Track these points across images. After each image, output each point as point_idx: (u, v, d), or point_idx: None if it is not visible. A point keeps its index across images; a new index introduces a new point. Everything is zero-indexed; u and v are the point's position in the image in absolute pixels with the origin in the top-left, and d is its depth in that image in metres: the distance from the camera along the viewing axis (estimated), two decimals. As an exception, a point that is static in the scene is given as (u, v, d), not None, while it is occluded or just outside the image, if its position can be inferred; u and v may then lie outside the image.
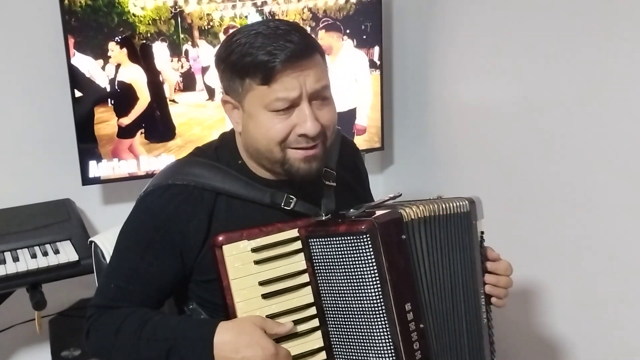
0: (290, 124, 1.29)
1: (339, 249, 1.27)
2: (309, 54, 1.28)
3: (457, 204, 1.39)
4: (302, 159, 1.32)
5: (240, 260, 1.31)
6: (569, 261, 1.96)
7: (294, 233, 1.35)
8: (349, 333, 1.30)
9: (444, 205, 1.37)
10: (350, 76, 2.67)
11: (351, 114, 2.71)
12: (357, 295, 1.26)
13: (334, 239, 1.27)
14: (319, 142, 1.33)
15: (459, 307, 1.38)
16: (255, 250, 1.32)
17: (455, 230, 1.38)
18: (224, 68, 1.32)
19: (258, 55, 1.25)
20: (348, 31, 2.62)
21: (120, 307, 1.37)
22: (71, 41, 2.25)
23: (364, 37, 2.65)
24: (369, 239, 1.23)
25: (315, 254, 1.32)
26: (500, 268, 1.45)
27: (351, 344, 1.30)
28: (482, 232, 1.45)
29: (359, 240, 1.24)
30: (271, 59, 1.24)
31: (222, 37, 2.44)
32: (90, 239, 1.74)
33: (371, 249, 1.23)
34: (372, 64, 2.69)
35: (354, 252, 1.25)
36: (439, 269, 1.35)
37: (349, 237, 1.25)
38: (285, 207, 1.38)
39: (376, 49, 2.67)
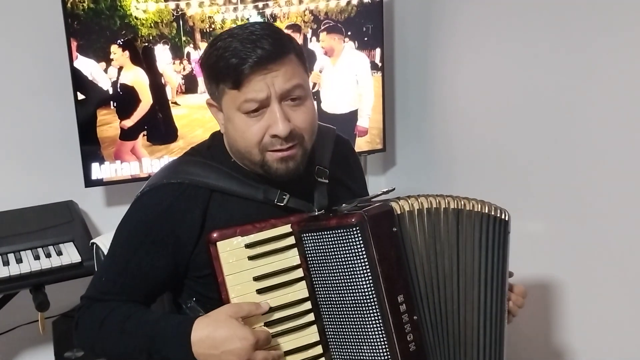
0: (264, 126, 1.31)
1: (331, 243, 1.28)
2: (279, 57, 1.29)
3: (495, 208, 1.41)
4: (278, 160, 1.34)
5: (234, 256, 1.33)
6: (571, 262, 1.95)
7: (287, 228, 1.36)
8: (343, 326, 1.31)
9: (476, 205, 1.39)
10: (351, 78, 2.68)
11: (353, 116, 2.71)
12: (350, 288, 1.27)
13: (326, 233, 1.28)
14: (296, 144, 1.34)
15: (474, 303, 1.38)
16: (249, 246, 1.33)
17: (483, 228, 1.39)
18: (204, 72, 1.37)
19: (229, 60, 1.28)
20: (349, 33, 2.63)
21: (110, 300, 1.39)
22: (74, 44, 2.27)
23: (366, 39, 2.65)
24: (358, 231, 1.24)
25: (308, 248, 1.33)
26: (521, 291, 1.49)
27: (345, 336, 1.31)
28: None
29: (349, 233, 1.25)
30: (240, 63, 1.27)
31: (256, 21, 2.45)
32: (91, 241, 1.75)
33: (361, 242, 1.24)
34: (374, 66, 2.69)
35: (345, 245, 1.26)
36: (441, 261, 1.35)
37: (339, 231, 1.26)
38: (278, 204, 1.39)
39: (377, 50, 2.68)
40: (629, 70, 1.68)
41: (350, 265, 1.26)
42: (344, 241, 1.26)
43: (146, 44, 2.37)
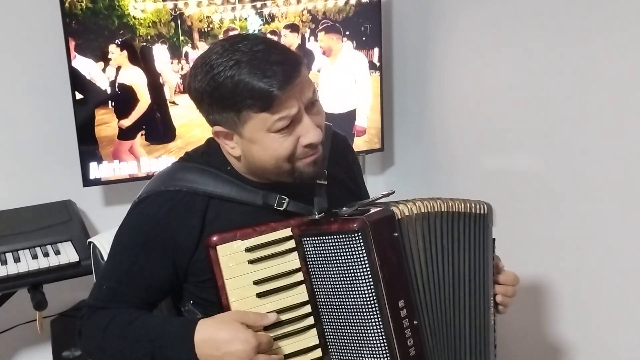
0: (295, 138, 1.30)
1: (332, 248, 1.28)
2: (297, 68, 1.27)
3: (475, 205, 1.40)
4: (311, 164, 1.34)
5: (234, 260, 1.32)
6: (570, 262, 1.95)
7: (287, 232, 1.35)
8: (343, 330, 1.31)
9: (460, 205, 1.38)
10: (350, 78, 2.68)
11: (351, 116, 2.71)
12: (351, 293, 1.27)
13: (327, 237, 1.28)
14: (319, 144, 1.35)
15: (461, 304, 1.38)
16: (249, 249, 1.33)
17: (466, 228, 1.39)
18: (212, 102, 1.30)
19: (252, 84, 1.23)
20: (347, 33, 2.63)
21: (111, 308, 1.39)
22: (72, 44, 2.27)
23: (364, 38, 2.65)
24: (360, 237, 1.24)
25: (308, 252, 1.33)
26: (510, 279, 1.48)
27: (346, 341, 1.31)
28: (494, 239, 1.45)
29: (351, 239, 1.25)
30: (267, 88, 1.23)
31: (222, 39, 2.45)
32: (89, 240, 1.75)
33: (363, 248, 1.24)
34: (372, 66, 2.69)
35: (347, 250, 1.26)
36: (437, 265, 1.35)
37: (341, 236, 1.26)
38: (278, 208, 1.39)
39: (376, 50, 2.68)
40: (629, 69, 1.68)
41: (352, 270, 1.26)
42: (346, 246, 1.25)
43: (144, 44, 2.37)
